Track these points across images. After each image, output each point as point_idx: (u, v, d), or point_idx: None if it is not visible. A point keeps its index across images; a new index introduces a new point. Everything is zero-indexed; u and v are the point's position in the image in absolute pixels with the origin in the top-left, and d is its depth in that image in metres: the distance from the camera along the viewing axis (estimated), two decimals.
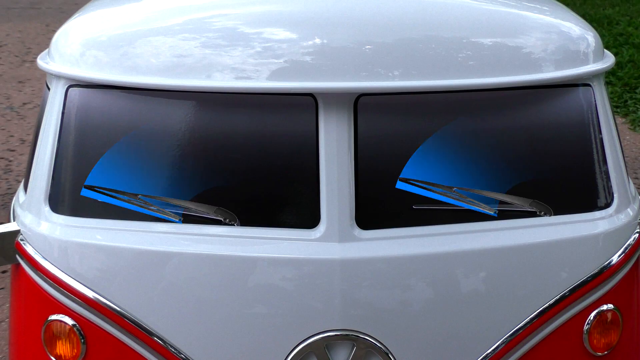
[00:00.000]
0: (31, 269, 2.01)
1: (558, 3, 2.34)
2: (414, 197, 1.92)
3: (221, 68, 1.89)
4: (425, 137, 1.93)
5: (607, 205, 2.05)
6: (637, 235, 2.09)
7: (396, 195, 1.92)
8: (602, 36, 6.65)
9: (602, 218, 2.03)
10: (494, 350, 1.93)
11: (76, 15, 2.25)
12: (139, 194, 1.93)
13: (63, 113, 2.01)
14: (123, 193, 1.94)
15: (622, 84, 6.86)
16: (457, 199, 1.93)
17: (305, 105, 1.89)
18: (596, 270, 2.00)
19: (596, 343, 2.02)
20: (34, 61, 7.54)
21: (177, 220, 1.92)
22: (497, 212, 1.96)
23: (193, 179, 1.91)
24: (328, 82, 1.86)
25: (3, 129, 5.96)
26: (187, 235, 1.91)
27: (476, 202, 1.95)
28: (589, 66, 2.04)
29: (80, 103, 1.99)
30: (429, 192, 1.93)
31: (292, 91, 1.88)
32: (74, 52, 2.01)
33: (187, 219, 1.92)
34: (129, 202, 1.93)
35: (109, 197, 1.95)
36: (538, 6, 2.19)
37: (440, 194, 1.93)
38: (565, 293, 1.96)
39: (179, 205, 1.92)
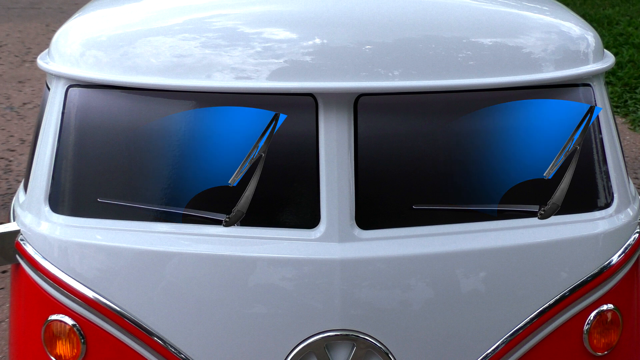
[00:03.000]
0: (31, 269, 2.01)
1: (558, 3, 2.34)
2: (414, 197, 1.92)
3: (221, 68, 1.89)
4: (425, 137, 1.93)
5: (607, 205, 2.05)
6: (637, 235, 2.09)
7: (396, 195, 1.92)
8: (602, 36, 6.66)
9: (602, 218, 2.03)
10: (494, 350, 1.93)
11: (76, 15, 2.25)
12: (139, 194, 1.93)
13: (63, 113, 2.01)
14: (123, 193, 1.94)
15: (622, 84, 6.86)
16: (457, 200, 1.93)
17: (305, 105, 1.89)
18: (596, 270, 2.00)
19: (596, 343, 2.02)
20: (34, 61, 7.54)
21: (177, 220, 1.92)
22: (497, 212, 1.96)
23: (193, 179, 1.91)
24: (328, 82, 1.86)
25: (3, 129, 5.96)
26: (187, 235, 1.91)
27: (476, 202, 1.95)
28: (589, 66, 2.04)
29: (80, 103, 1.99)
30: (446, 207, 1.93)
31: (292, 91, 1.88)
32: (74, 52, 2.01)
33: (187, 219, 1.92)
34: (129, 202, 1.93)
35: (109, 197, 1.95)
36: (538, 6, 2.19)
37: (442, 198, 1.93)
38: (565, 293, 1.96)
39: (179, 205, 1.92)
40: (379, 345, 1.89)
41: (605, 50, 2.20)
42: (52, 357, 1.99)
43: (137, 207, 1.93)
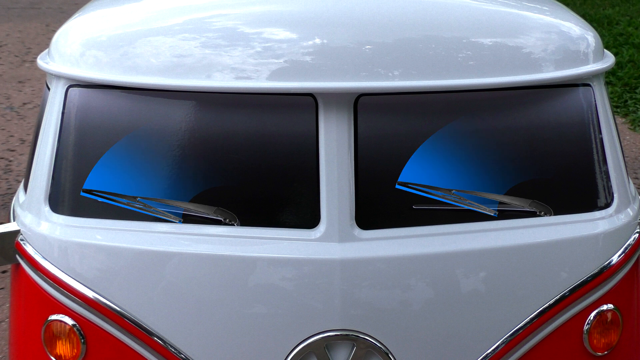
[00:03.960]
0: (31, 269, 2.01)
1: (558, 3, 2.34)
2: (414, 197, 1.92)
3: (221, 68, 1.89)
4: (425, 137, 1.93)
5: (607, 205, 2.05)
6: (637, 235, 2.09)
7: (396, 195, 1.92)
8: (602, 36, 6.66)
9: (602, 218, 2.03)
10: (494, 350, 1.93)
11: (76, 15, 2.25)
12: (139, 194, 1.93)
13: (63, 113, 2.01)
14: (123, 193, 1.94)
15: (622, 84, 6.86)
16: (457, 201, 1.93)
17: (305, 105, 1.89)
18: (596, 270, 2.00)
19: (596, 343, 2.02)
20: (34, 61, 7.54)
21: (177, 220, 1.92)
22: (497, 212, 1.96)
23: (193, 179, 1.91)
24: (328, 82, 1.86)
25: (3, 129, 5.96)
26: (187, 235, 1.91)
27: (476, 202, 1.95)
28: (589, 66, 2.04)
29: (80, 103, 1.99)
30: (428, 194, 1.93)
31: (292, 91, 1.88)
32: (74, 52, 2.01)
33: (187, 219, 1.92)
34: (129, 202, 1.93)
35: (109, 197, 1.95)
36: (538, 6, 2.19)
37: (440, 196, 1.93)
38: (565, 293, 1.96)
39: (179, 205, 1.92)
40: (379, 345, 1.89)
41: (605, 50, 2.20)
42: (52, 357, 1.99)
43: (136, 207, 1.93)
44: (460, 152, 1.94)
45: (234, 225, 1.90)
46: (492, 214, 1.95)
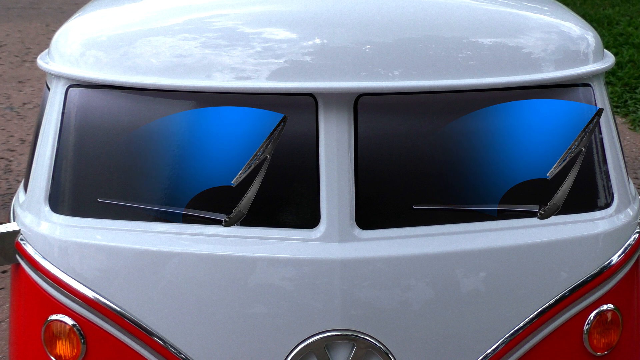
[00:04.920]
0: (31, 269, 2.01)
1: (558, 3, 2.34)
2: (414, 197, 1.92)
3: (221, 68, 1.89)
4: (425, 137, 1.93)
5: (607, 205, 2.05)
6: (637, 235, 2.09)
7: (396, 195, 1.92)
8: (602, 36, 6.66)
9: (602, 218, 2.03)
10: (494, 350, 1.93)
11: (76, 15, 2.25)
12: (139, 194, 1.93)
13: (63, 113, 2.01)
14: (123, 193, 1.94)
15: (622, 84, 6.86)
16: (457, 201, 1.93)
17: (305, 105, 1.89)
18: (596, 270, 2.00)
19: (596, 343, 2.02)
20: (34, 61, 7.54)
21: (177, 220, 1.92)
22: (497, 212, 1.96)
23: (193, 179, 1.91)
24: (328, 82, 1.86)
25: (3, 129, 5.96)
26: (187, 235, 1.91)
27: (476, 202, 1.95)
28: (589, 66, 2.04)
29: (80, 103, 1.99)
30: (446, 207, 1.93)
31: (292, 91, 1.88)
32: (74, 52, 2.01)
33: (187, 219, 1.92)
34: (129, 202, 1.93)
35: (109, 197, 1.95)
36: (538, 6, 2.19)
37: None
38: (565, 293, 1.96)
39: (179, 205, 1.92)
40: (379, 345, 1.89)
41: (605, 50, 2.20)
42: (52, 357, 1.99)
43: (137, 207, 1.93)
44: (461, 152, 1.94)
45: (234, 225, 1.90)
46: (492, 214, 1.95)
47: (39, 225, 2.00)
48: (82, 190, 1.98)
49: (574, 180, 1.98)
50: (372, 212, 1.90)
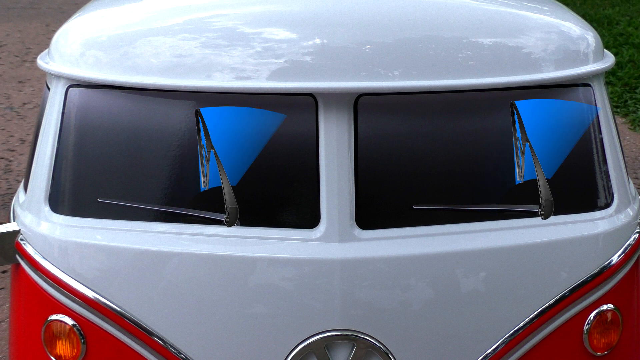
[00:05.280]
0: (31, 269, 2.01)
1: (558, 3, 2.34)
2: (414, 197, 1.92)
3: (221, 68, 1.89)
4: (425, 137, 1.93)
5: (607, 205, 2.05)
6: (637, 235, 2.09)
7: (396, 195, 1.92)
8: (602, 36, 6.66)
9: (602, 218, 2.03)
10: (494, 350, 1.93)
11: (76, 15, 2.25)
12: (139, 194, 1.93)
13: (63, 113, 2.01)
14: (123, 193, 1.94)
15: (622, 84, 6.86)
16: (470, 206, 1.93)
17: (305, 105, 1.89)
18: (596, 270, 2.00)
19: (596, 343, 2.02)
20: (34, 61, 7.54)
21: (177, 220, 1.92)
22: (497, 212, 1.96)
23: (193, 179, 1.91)
24: (328, 82, 1.86)
25: (3, 129, 5.96)
26: (187, 235, 1.91)
27: (476, 202, 1.95)
28: (589, 66, 2.04)
29: (80, 103, 1.99)
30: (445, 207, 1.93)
31: (292, 91, 1.88)
32: (74, 52, 2.01)
33: (187, 219, 1.92)
34: (129, 202, 1.93)
35: (109, 197, 1.95)
36: (538, 6, 2.19)
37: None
38: (565, 293, 1.96)
39: (179, 205, 1.92)
40: (379, 345, 1.89)
41: (605, 50, 2.20)
42: (52, 357, 1.99)
43: (137, 207, 1.93)
44: (460, 152, 1.94)
45: (234, 225, 1.90)
46: (492, 214, 1.95)
47: (39, 225, 2.00)
48: (82, 190, 1.98)
49: (573, 180, 1.98)
50: (372, 212, 1.90)
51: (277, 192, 1.91)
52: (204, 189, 1.91)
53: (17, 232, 2.05)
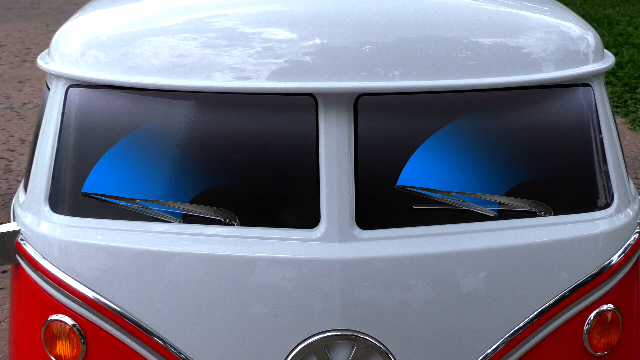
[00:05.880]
0: (31, 269, 2.01)
1: (558, 3, 2.34)
2: (414, 197, 1.92)
3: (221, 68, 1.89)
4: (425, 137, 1.93)
5: (607, 205, 2.05)
6: (637, 235, 2.09)
7: (396, 195, 1.92)
8: (602, 36, 6.66)
9: (602, 218, 2.03)
10: (494, 350, 1.93)
11: (76, 15, 2.25)
12: (139, 194, 1.93)
13: (63, 113, 2.01)
14: (123, 193, 1.94)
15: (622, 84, 6.87)
16: (457, 201, 1.93)
17: (305, 105, 1.89)
18: (596, 270, 2.00)
19: (596, 343, 2.02)
20: (34, 61, 7.54)
21: (177, 220, 1.92)
22: (497, 212, 1.96)
23: (193, 179, 1.91)
24: (328, 82, 1.86)
25: (3, 129, 5.96)
26: (187, 235, 1.91)
27: (476, 202, 1.95)
28: (589, 66, 2.04)
29: (80, 103, 1.99)
30: (428, 192, 1.93)
31: (292, 91, 1.88)
32: (74, 52, 2.01)
33: (187, 219, 1.92)
34: (129, 202, 1.93)
35: (109, 197, 1.95)
36: (538, 6, 2.19)
37: (440, 199, 1.92)
38: (565, 293, 1.96)
39: (179, 206, 1.92)
40: (379, 345, 1.89)
41: (605, 50, 2.20)
42: (52, 357, 1.99)
43: (137, 207, 1.93)
44: (461, 152, 1.94)
45: (234, 225, 1.90)
46: (492, 214, 1.95)
47: (39, 225, 2.00)
48: (82, 190, 1.97)
49: (573, 180, 1.98)
50: (372, 212, 1.90)
51: (277, 192, 1.91)
52: (204, 189, 1.91)
53: (17, 232, 2.05)
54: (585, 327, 2.01)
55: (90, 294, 1.93)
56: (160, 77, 1.90)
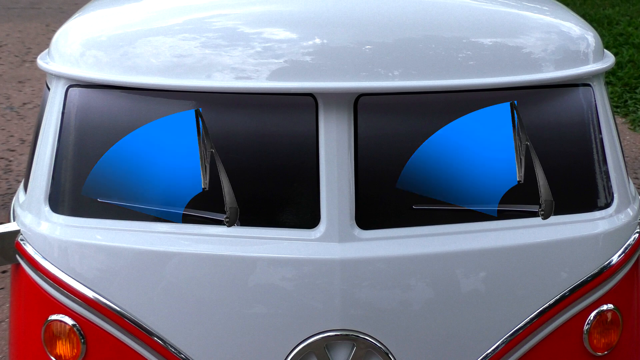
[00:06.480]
0: (31, 269, 2.01)
1: (558, 3, 2.34)
2: (414, 197, 1.92)
3: (221, 68, 1.89)
4: (425, 137, 1.93)
5: (607, 205, 2.05)
6: (637, 235, 2.09)
7: (396, 195, 1.92)
8: (602, 36, 6.65)
9: (602, 218, 2.03)
10: (494, 350, 1.93)
11: (76, 15, 2.25)
12: (139, 194, 1.93)
13: (63, 113, 2.01)
14: (123, 193, 1.94)
15: (622, 84, 6.86)
16: (458, 200, 1.93)
17: (305, 105, 1.89)
18: (596, 270, 2.00)
19: (596, 343, 2.02)
20: (34, 61, 7.54)
21: (177, 220, 1.92)
22: (497, 212, 1.96)
23: (193, 179, 1.91)
24: (328, 82, 1.86)
25: (3, 129, 5.96)
26: (187, 235, 1.91)
27: (476, 202, 1.95)
28: (589, 66, 2.04)
29: (80, 103, 1.99)
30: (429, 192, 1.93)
31: (292, 91, 1.88)
32: (74, 52, 2.01)
33: (187, 219, 1.92)
34: (129, 202, 1.93)
35: (109, 197, 1.95)
36: (538, 6, 2.19)
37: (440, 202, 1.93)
38: (565, 293, 1.96)
39: (179, 205, 1.92)
40: (379, 345, 1.89)
41: (605, 50, 2.20)
42: (52, 357, 1.99)
43: (137, 207, 1.93)
44: (460, 152, 1.94)
45: (234, 225, 1.90)
46: (492, 214, 1.95)
47: (39, 225, 2.00)
48: (82, 190, 1.98)
49: (573, 180, 1.98)
50: (372, 212, 1.90)
51: (277, 192, 1.91)
52: (204, 189, 1.91)
53: (17, 232, 2.05)
54: (585, 327, 2.01)
55: (90, 294, 1.93)
56: (160, 77, 1.90)
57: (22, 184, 2.24)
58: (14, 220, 2.13)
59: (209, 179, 1.90)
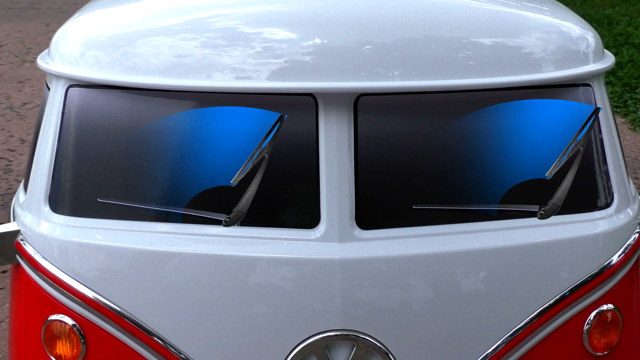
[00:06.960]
0: (31, 269, 2.01)
1: (558, 3, 2.34)
2: (414, 197, 1.92)
3: (221, 68, 1.89)
4: (425, 137, 1.93)
5: (607, 205, 2.05)
6: (637, 235, 2.09)
7: (396, 195, 1.92)
8: (602, 36, 6.66)
9: (602, 218, 2.03)
10: (494, 350, 1.93)
11: (76, 15, 2.25)
12: (139, 194, 1.93)
13: (63, 113, 2.01)
14: (123, 193, 1.94)
15: (622, 84, 6.86)
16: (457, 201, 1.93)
17: (305, 105, 1.89)
18: (596, 270, 2.00)
19: (596, 343, 2.02)
20: (34, 61, 7.54)
21: (177, 220, 1.92)
22: (497, 212, 1.96)
23: (193, 179, 1.91)
24: (328, 82, 1.86)
25: (3, 129, 5.96)
26: (187, 235, 1.91)
27: (476, 202, 1.95)
28: (589, 66, 2.04)
29: (80, 103, 1.99)
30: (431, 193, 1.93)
31: (292, 91, 1.88)
32: (74, 52, 2.01)
33: (187, 219, 1.92)
34: (128, 202, 1.93)
35: (109, 197, 1.95)
36: (538, 6, 2.19)
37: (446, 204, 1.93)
38: (565, 293, 1.96)
39: (179, 205, 1.92)
40: (379, 345, 1.89)
41: (605, 50, 2.20)
42: (52, 357, 1.99)
43: (137, 207, 1.93)
44: (460, 152, 1.94)
45: (234, 225, 1.90)
46: (492, 214, 1.95)
47: (39, 225, 2.00)
48: (82, 190, 1.98)
49: (572, 180, 1.98)
50: (372, 212, 1.90)
51: (277, 192, 1.91)
52: (204, 189, 1.91)
53: (17, 232, 2.06)
54: (585, 327, 2.01)
55: (90, 294, 1.93)
56: (160, 77, 1.90)
57: (22, 184, 2.24)
58: (14, 220, 2.13)
59: (208, 179, 1.90)
